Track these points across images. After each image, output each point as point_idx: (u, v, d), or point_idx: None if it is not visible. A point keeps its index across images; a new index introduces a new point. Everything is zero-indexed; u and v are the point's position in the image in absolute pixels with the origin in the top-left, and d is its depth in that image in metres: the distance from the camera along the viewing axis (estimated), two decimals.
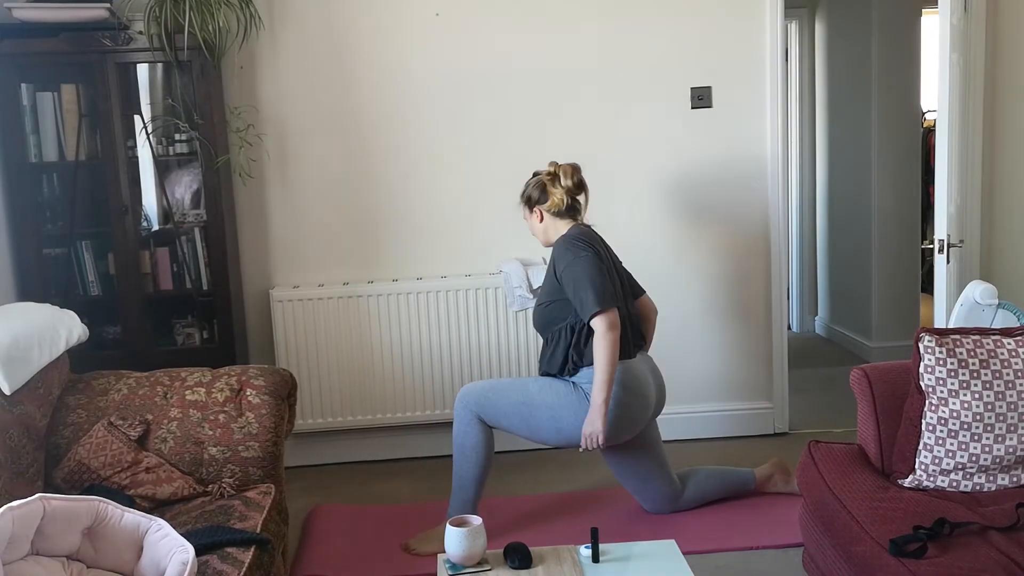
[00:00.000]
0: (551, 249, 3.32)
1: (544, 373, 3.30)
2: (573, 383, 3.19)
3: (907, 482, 2.57)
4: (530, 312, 4.03)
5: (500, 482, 3.26)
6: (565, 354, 3.21)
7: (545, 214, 3.34)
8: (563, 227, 3.33)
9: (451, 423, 4.09)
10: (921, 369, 2.57)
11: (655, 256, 4.17)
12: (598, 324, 3.08)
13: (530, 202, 3.38)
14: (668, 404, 4.26)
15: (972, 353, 2.54)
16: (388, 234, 4.12)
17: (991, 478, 2.51)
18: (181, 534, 2.09)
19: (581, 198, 3.37)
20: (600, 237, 3.36)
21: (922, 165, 5.47)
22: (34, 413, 2.71)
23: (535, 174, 3.43)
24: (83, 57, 3.59)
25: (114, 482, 2.65)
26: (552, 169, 3.36)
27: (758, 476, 3.55)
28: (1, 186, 3.61)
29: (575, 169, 3.36)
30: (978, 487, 2.51)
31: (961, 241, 3.43)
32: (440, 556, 2.44)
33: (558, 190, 3.32)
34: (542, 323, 3.32)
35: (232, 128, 3.92)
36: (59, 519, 2.02)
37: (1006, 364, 2.52)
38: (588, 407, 3.11)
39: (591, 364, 3.13)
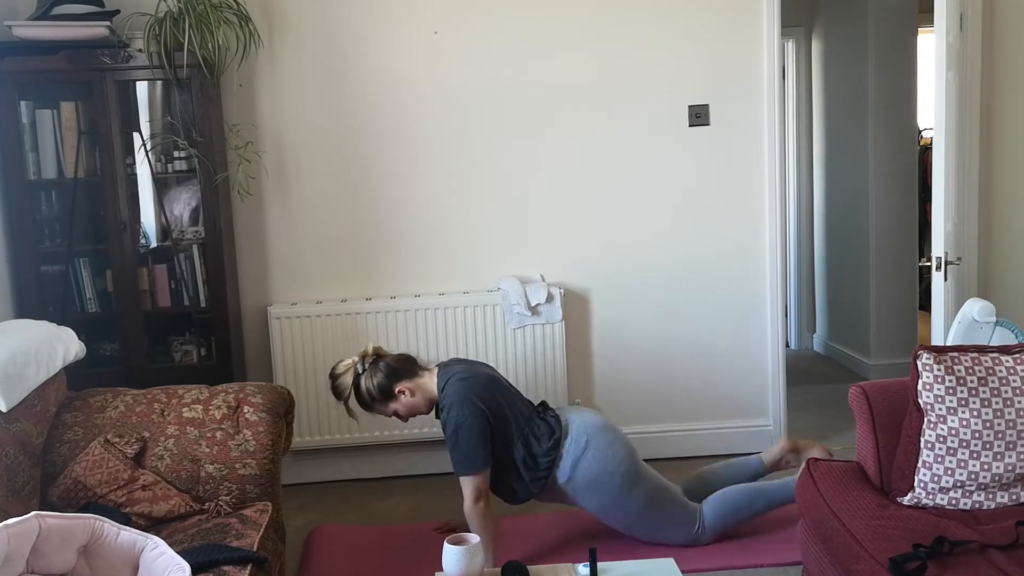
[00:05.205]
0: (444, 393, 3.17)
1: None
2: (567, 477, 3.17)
3: (906, 500, 2.57)
4: (528, 329, 4.03)
5: (497, 503, 3.25)
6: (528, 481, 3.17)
7: (411, 384, 3.20)
8: (428, 381, 3.21)
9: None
10: (919, 387, 2.57)
11: (652, 273, 4.17)
12: (464, 488, 3.08)
13: (387, 393, 3.18)
14: (667, 422, 4.28)
15: (970, 371, 2.54)
16: (386, 251, 4.12)
17: (990, 496, 2.50)
18: (177, 552, 2.08)
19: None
20: (466, 368, 3.25)
21: (919, 183, 5.48)
22: (31, 430, 2.70)
23: (337, 371, 3.23)
24: (83, 75, 3.60)
25: (110, 500, 2.64)
26: (367, 352, 3.22)
27: (766, 461, 3.54)
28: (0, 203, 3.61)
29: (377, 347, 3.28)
30: (977, 505, 2.51)
31: (959, 259, 3.43)
32: (437, 575, 2.43)
33: (394, 359, 3.22)
34: None
35: (231, 145, 3.93)
36: (55, 537, 2.01)
37: (1004, 382, 2.51)
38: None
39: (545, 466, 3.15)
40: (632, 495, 3.16)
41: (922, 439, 2.56)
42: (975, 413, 2.49)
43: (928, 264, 3.33)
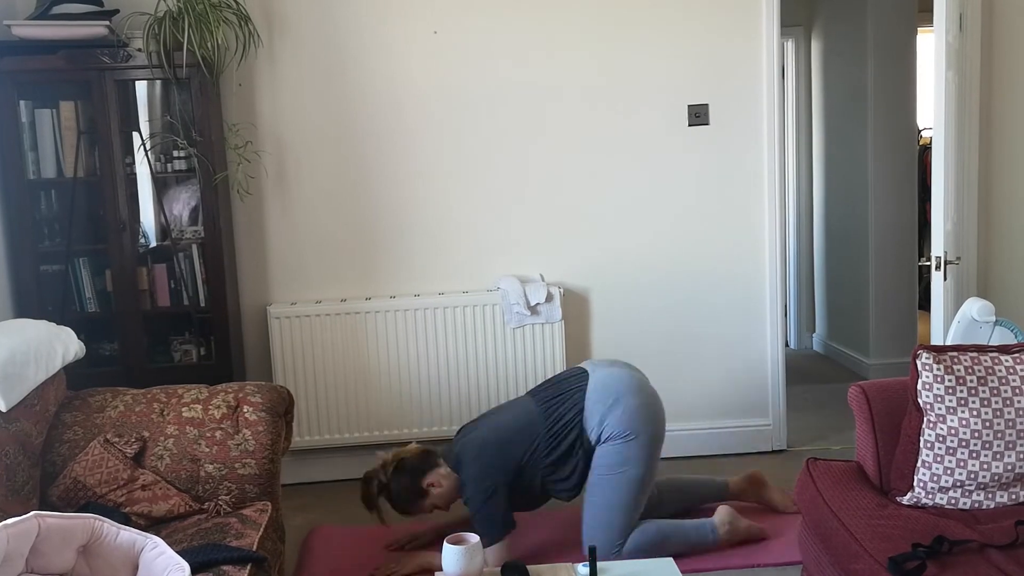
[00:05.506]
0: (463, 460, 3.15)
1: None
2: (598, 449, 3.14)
3: (906, 499, 2.57)
4: (527, 329, 4.03)
5: None
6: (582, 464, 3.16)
7: (435, 477, 3.15)
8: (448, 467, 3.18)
9: (446, 439, 4.09)
10: (919, 386, 2.57)
11: (651, 272, 4.17)
12: (489, 556, 2.96)
13: (417, 492, 3.13)
14: (667, 422, 4.27)
15: (970, 370, 2.54)
16: (386, 251, 4.12)
17: (990, 495, 2.50)
18: (177, 552, 2.08)
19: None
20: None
21: (918, 183, 5.48)
22: (30, 430, 2.70)
23: (369, 479, 3.16)
24: (82, 74, 3.60)
25: (110, 499, 2.64)
26: (387, 460, 3.17)
27: (732, 488, 3.55)
28: None
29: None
30: (977, 505, 2.51)
31: (958, 258, 3.44)
32: (436, 575, 2.43)
33: (413, 456, 3.18)
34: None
35: (230, 145, 3.93)
36: (54, 537, 2.01)
37: (1004, 381, 2.51)
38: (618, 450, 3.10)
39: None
40: (639, 470, 3.10)
41: (921, 439, 2.56)
42: (974, 413, 2.49)
43: (928, 264, 3.33)
